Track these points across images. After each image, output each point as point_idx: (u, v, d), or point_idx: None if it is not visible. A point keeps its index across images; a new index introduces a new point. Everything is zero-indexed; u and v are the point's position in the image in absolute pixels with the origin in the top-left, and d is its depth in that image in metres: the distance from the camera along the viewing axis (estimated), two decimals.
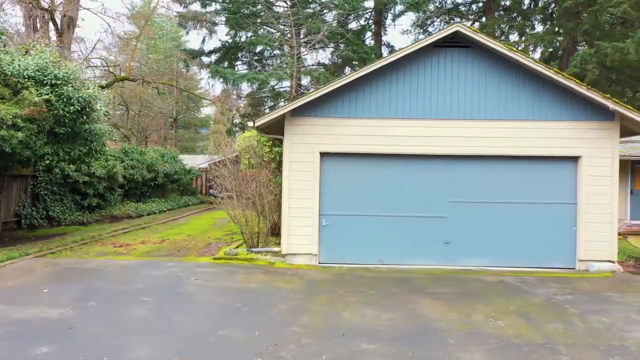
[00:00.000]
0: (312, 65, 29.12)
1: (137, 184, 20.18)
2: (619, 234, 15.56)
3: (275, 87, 26.54)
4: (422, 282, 8.65)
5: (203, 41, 27.68)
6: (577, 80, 9.85)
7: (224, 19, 27.17)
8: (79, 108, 10.97)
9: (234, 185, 11.37)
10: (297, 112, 10.22)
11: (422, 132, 10.16)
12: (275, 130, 11.05)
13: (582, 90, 9.72)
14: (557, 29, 26.51)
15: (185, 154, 34.18)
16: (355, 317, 6.52)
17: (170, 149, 24.47)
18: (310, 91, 10.76)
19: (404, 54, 9.95)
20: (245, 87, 28.72)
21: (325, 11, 26.50)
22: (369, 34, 32.63)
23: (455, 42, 10.20)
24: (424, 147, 10.16)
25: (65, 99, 10.78)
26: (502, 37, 30.88)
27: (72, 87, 10.95)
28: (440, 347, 5.47)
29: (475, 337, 5.79)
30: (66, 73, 10.97)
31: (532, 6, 30.76)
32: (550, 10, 29.65)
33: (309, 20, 24.67)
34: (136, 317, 6.44)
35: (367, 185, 10.36)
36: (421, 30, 34.39)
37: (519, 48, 29.54)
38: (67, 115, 10.86)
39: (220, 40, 30.26)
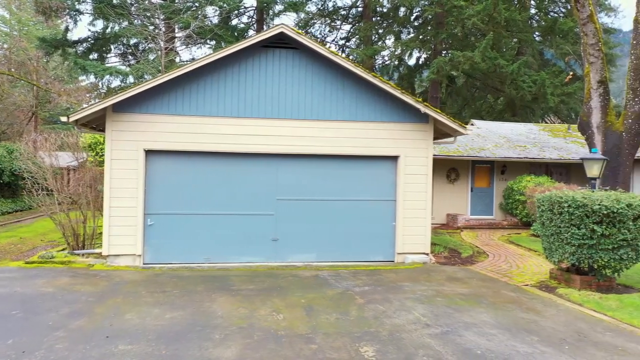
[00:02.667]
0: (188, 61, 28.44)
1: None
2: (457, 227, 16.89)
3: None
4: (237, 280, 8.72)
5: (66, 30, 25.82)
6: (392, 84, 10.50)
7: (90, 7, 25.65)
8: None
9: (58, 185, 10.70)
10: (120, 108, 9.86)
11: (250, 130, 10.26)
12: (102, 126, 10.57)
13: (397, 93, 10.38)
14: (420, 36, 28.14)
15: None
16: (136, 317, 6.40)
17: (19, 145, 22.54)
18: (129, 85, 10.41)
19: (232, 51, 9.98)
20: (118, 82, 27.37)
21: (200, 4, 25.85)
22: (252, 32, 32.50)
23: (284, 43, 10.42)
24: (252, 146, 10.27)
25: None
26: (379, 42, 32.32)
27: None
28: (201, 343, 5.52)
29: (244, 332, 5.92)
30: None
31: (407, 14, 32.39)
32: (422, 19, 31.45)
33: (180, 14, 24.02)
34: None
35: (195, 184, 10.26)
36: (304, 31, 34.93)
37: (396, 53, 31.11)
38: None
39: (90, 30, 28.58)
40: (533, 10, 31.21)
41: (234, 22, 32.57)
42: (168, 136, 10.04)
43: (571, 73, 26.61)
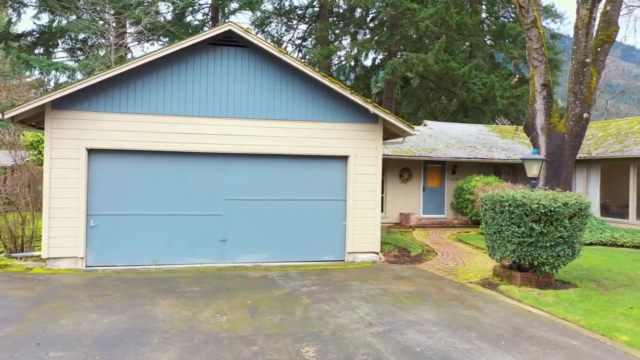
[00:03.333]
0: (138, 58, 27.68)
1: None
2: (410, 226, 17.14)
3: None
4: (183, 282, 8.54)
5: (9, 23, 24.68)
6: (341, 84, 10.55)
7: (35, 0, 24.61)
8: None
9: None
10: (61, 105, 9.48)
11: (198, 129, 10.07)
12: (43, 124, 10.13)
13: (346, 93, 10.42)
14: (376, 37, 28.44)
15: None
16: (71, 323, 6.15)
17: None
18: (70, 82, 9.97)
19: (178, 48, 9.76)
20: (65, 77, 26.36)
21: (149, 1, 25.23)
22: (207, 29, 32.00)
23: (232, 41, 10.27)
24: (200, 145, 10.09)
25: None
26: (336, 42, 32.46)
27: None
28: (137, 348, 5.35)
29: (185, 335, 5.79)
30: None
31: (363, 15, 32.64)
32: (377, 21, 31.75)
33: (131, 9, 23.37)
34: None
35: (142, 184, 9.98)
36: (260, 30, 34.68)
37: (352, 54, 31.30)
38: None
39: (35, 24, 27.38)
40: (484, 15, 32.11)
41: (189, 19, 32.05)
42: (112, 134, 9.72)
43: (518, 76, 27.52)
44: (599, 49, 14.63)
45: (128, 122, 9.78)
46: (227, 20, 9.45)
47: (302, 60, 34.81)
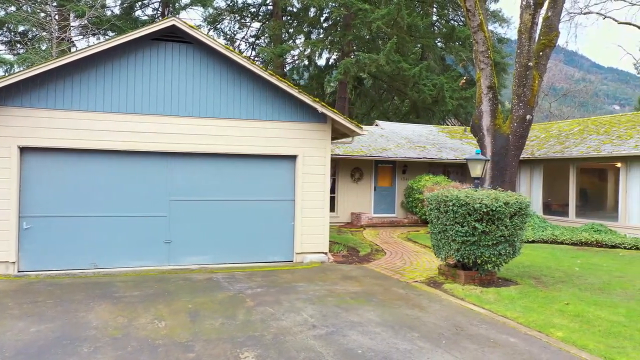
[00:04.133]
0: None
1: None
2: (361, 226, 17.21)
3: None
4: (123, 286, 8.19)
5: None
6: (289, 83, 10.43)
7: None
8: None
9: None
10: None
11: (140, 127, 9.70)
12: None
13: (294, 92, 10.31)
14: (329, 37, 28.48)
15: None
16: None
17: None
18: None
19: (117, 43, 9.35)
20: (1, 71, 24.99)
21: None
22: None
23: (177, 37, 9.96)
24: (142, 144, 9.72)
25: None
26: (289, 41, 32.28)
27: None
28: (65, 358, 5.05)
29: (118, 343, 5.52)
30: None
31: (317, 14, 32.60)
32: (331, 21, 31.77)
33: (75, 2, 22.40)
34: None
35: (80, 184, 9.52)
36: (212, 27, 34.08)
37: (306, 53, 31.19)
38: None
39: None
40: (435, 17, 32.76)
41: (138, 13, 31.14)
42: (48, 132, 9.22)
43: (465, 77, 28.23)
44: (541, 53, 15.14)
45: (65, 120, 9.31)
46: (177, 16, 9.11)
47: (255, 59, 34.60)
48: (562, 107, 49.65)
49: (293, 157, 10.76)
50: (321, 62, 42.15)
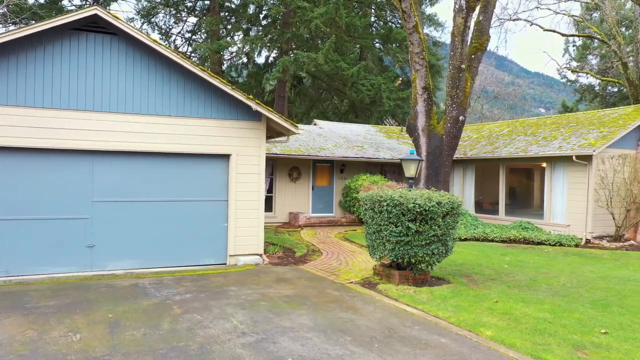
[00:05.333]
0: None
1: None
2: (299, 225, 17.03)
3: None
4: (36, 295, 7.54)
5: None
6: (222, 79, 10.06)
7: None
8: None
9: None
10: None
11: (58, 123, 9.00)
12: None
13: (227, 89, 9.96)
14: (269, 35, 28.10)
15: None
16: None
17: None
18: None
19: (31, 32, 8.59)
20: None
21: None
22: None
23: (101, 28, 9.33)
24: (61, 141, 9.03)
25: None
26: (227, 37, 31.58)
27: None
28: None
29: (23, 359, 5.01)
30: None
31: (256, 11, 32.07)
32: (270, 18, 31.34)
33: None
34: None
35: None
36: (146, 21, 32.76)
37: (244, 50, 30.56)
38: None
39: None
40: (373, 19, 33.13)
41: (65, 2, 29.41)
42: None
43: (401, 78, 28.73)
44: (473, 56, 15.55)
45: None
46: (100, 5, 8.48)
47: (192, 55, 33.60)
48: (493, 109, 51.81)
49: (226, 156, 10.39)
50: (260, 60, 41.58)
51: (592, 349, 5.59)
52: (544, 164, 16.16)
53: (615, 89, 38.45)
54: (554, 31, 32.45)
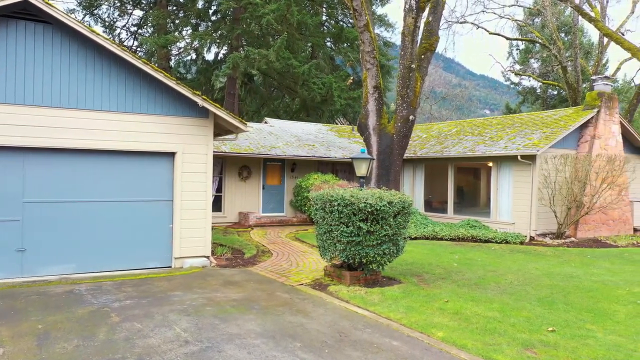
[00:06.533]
0: None
1: None
2: (249, 225, 16.65)
3: None
4: None
5: None
6: (166, 74, 9.59)
7: None
8: None
9: None
10: None
11: None
12: None
13: (172, 84, 9.51)
14: (218, 31, 27.45)
15: None
16: None
17: None
18: None
19: None
20: None
21: None
22: None
23: (33, 15, 8.66)
24: None
25: None
26: (175, 32, 30.61)
27: None
28: None
29: None
30: None
31: (205, 6, 31.24)
32: (220, 14, 30.61)
33: None
34: None
35: None
36: (89, 13, 31.29)
37: (193, 46, 29.68)
38: None
39: None
40: (325, 17, 33.03)
41: None
42: None
43: (352, 77, 28.79)
44: (423, 56, 15.68)
45: None
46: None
47: (138, 49, 32.38)
48: (441, 110, 52.96)
49: (171, 154, 9.93)
50: (210, 56, 40.62)
51: (540, 348, 5.61)
52: (491, 164, 16.52)
53: (555, 92, 40.18)
54: (499, 34, 33.49)
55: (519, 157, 14.96)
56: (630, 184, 16.47)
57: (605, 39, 29.46)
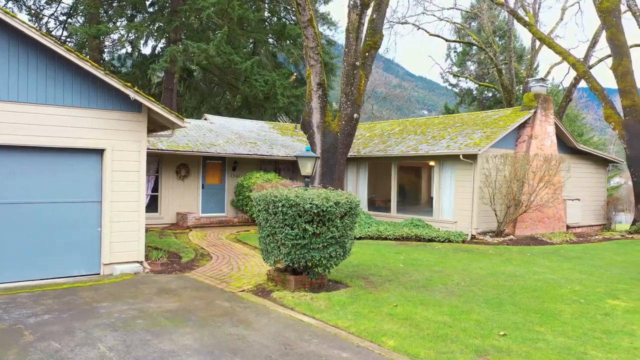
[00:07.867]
0: None
1: None
2: (187, 227, 15.86)
3: None
4: None
5: None
6: (93, 63, 8.75)
7: None
8: None
9: None
10: None
11: None
12: None
13: (100, 74, 8.70)
14: (156, 23, 26.19)
15: None
16: None
17: None
18: None
19: None
20: None
21: None
22: None
23: None
24: None
25: None
26: (109, 23, 28.93)
27: None
28: None
29: None
30: None
31: None
32: (157, 6, 29.22)
33: None
34: None
35: None
36: (17, 3, 29.01)
37: (129, 38, 28.11)
38: None
39: None
40: (267, 14, 32.37)
41: None
42: None
43: (295, 74, 28.39)
44: (367, 54, 15.49)
45: None
46: None
47: (68, 40, 30.38)
48: (382, 110, 53.62)
49: (100, 151, 9.11)
50: (147, 50, 38.88)
51: (494, 354, 5.41)
52: (433, 163, 16.60)
53: (491, 94, 41.56)
54: (439, 36, 34.15)
55: (461, 156, 15.08)
56: (564, 183, 17.06)
57: (538, 43, 30.72)
